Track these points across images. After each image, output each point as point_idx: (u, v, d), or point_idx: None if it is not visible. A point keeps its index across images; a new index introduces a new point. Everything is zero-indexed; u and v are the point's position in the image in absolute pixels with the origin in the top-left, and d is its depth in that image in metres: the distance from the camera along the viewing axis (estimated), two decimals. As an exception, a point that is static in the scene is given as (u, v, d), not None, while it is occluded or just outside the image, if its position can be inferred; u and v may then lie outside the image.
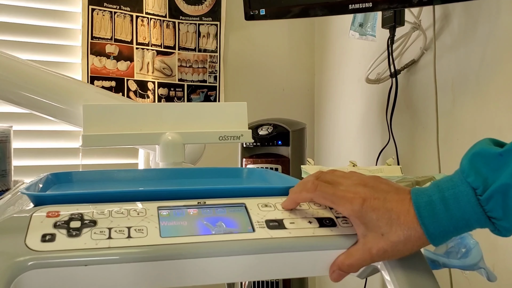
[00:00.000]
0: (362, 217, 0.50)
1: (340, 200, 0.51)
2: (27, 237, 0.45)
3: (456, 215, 0.47)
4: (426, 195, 0.49)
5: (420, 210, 0.48)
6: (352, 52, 1.69)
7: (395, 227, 0.49)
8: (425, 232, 0.48)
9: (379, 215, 0.49)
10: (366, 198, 0.50)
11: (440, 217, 0.47)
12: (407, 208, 0.49)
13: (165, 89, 1.71)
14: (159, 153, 0.87)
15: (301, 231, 0.51)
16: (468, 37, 1.16)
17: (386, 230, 0.49)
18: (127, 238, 0.47)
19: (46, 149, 1.58)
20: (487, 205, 0.46)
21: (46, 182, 0.69)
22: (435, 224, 0.47)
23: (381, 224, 0.49)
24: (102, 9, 1.60)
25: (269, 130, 1.38)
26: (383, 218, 0.49)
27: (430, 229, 0.48)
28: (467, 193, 0.47)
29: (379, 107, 1.49)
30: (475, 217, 0.47)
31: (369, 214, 0.49)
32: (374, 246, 0.49)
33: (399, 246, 0.49)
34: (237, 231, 0.50)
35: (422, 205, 0.48)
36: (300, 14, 1.18)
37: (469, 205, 0.47)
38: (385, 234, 0.49)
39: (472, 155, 0.48)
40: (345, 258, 0.51)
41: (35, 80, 1.01)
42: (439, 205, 0.48)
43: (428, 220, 0.48)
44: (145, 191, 0.57)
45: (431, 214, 0.48)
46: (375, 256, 0.49)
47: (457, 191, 0.47)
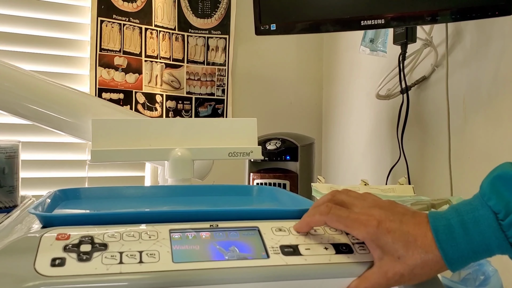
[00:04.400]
0: (378, 240, 0.48)
1: (354, 224, 0.50)
2: (36, 261, 0.44)
3: (475, 240, 0.45)
4: (444, 219, 0.47)
5: (438, 234, 0.47)
6: (360, 67, 1.68)
7: (412, 250, 0.47)
8: (443, 256, 0.46)
9: (395, 238, 0.48)
10: (381, 221, 0.49)
11: (459, 241, 0.46)
12: (424, 231, 0.48)
13: (173, 102, 1.70)
14: (168, 169, 0.86)
15: (317, 258, 0.50)
16: (481, 53, 1.15)
17: (403, 253, 0.47)
18: (138, 263, 0.46)
19: (52, 161, 1.57)
20: (509, 231, 0.44)
21: (54, 199, 0.67)
22: (453, 248, 0.46)
23: (397, 247, 0.47)
24: (111, 21, 1.60)
25: (277, 145, 1.37)
26: (400, 241, 0.48)
27: (449, 254, 0.46)
28: (487, 217, 0.45)
29: (389, 123, 1.48)
30: (496, 243, 0.45)
31: (384, 237, 0.48)
32: (390, 269, 0.48)
33: (416, 270, 0.47)
34: (251, 257, 0.49)
35: (441, 228, 0.47)
36: (311, 30, 1.17)
37: (490, 230, 0.45)
38: (401, 257, 0.47)
39: (493, 178, 0.47)
40: (359, 282, 0.49)
41: (42, 93, 1.00)
42: (458, 229, 0.46)
43: (447, 244, 0.46)
44: (157, 212, 0.55)
45: (449, 238, 0.46)
46: (391, 280, 0.48)
47: (477, 215, 0.46)
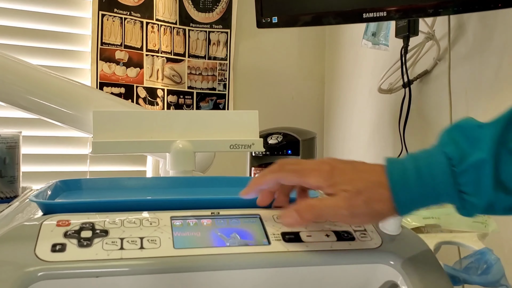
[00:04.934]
0: (333, 181, 0.48)
1: (307, 172, 0.50)
2: (37, 247, 0.44)
3: (427, 184, 0.46)
4: (400, 163, 0.48)
5: (392, 175, 0.47)
6: (363, 61, 1.68)
7: (368, 184, 0.47)
8: (394, 196, 0.46)
9: (350, 176, 0.48)
10: (334, 165, 0.49)
11: (411, 184, 0.46)
12: (379, 172, 0.48)
13: (174, 97, 1.70)
14: (170, 161, 0.86)
15: (319, 244, 0.49)
16: (483, 47, 1.14)
17: (359, 186, 0.47)
18: (139, 249, 0.45)
19: (53, 155, 1.57)
20: (460, 178, 0.45)
21: (55, 190, 0.67)
22: (404, 189, 0.46)
23: (354, 182, 0.48)
24: (112, 14, 1.59)
25: (279, 139, 1.36)
26: (355, 178, 0.48)
27: (399, 195, 0.46)
28: (441, 162, 0.46)
29: (391, 117, 1.47)
30: (446, 189, 0.45)
31: (339, 177, 0.48)
32: (346, 198, 0.47)
33: (370, 202, 0.47)
34: (252, 243, 0.49)
35: (395, 171, 0.47)
36: (313, 22, 1.17)
37: (441, 175, 0.45)
38: (358, 189, 0.47)
39: (452, 127, 0.48)
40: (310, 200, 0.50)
41: (44, 85, 1.00)
42: (411, 172, 0.46)
43: (399, 184, 0.46)
44: (158, 200, 0.55)
45: (402, 179, 0.46)
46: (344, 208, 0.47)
47: (432, 160, 0.46)
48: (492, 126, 0.45)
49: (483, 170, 0.44)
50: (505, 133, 0.45)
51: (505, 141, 0.45)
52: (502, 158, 0.44)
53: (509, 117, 0.46)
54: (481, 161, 0.44)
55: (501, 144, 0.44)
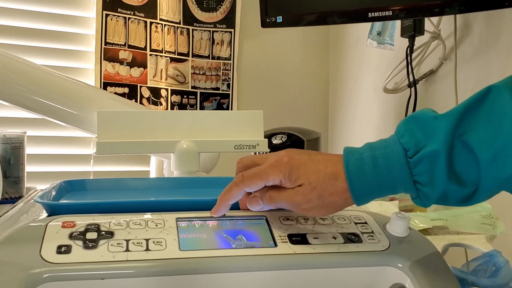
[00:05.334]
0: (291, 174, 0.49)
1: (267, 170, 0.50)
2: (42, 248, 0.44)
3: (383, 174, 0.46)
4: (357, 153, 0.49)
5: (349, 165, 0.48)
6: (367, 61, 1.67)
7: (323, 176, 0.48)
8: (349, 186, 0.47)
9: (306, 168, 0.49)
10: (291, 157, 0.50)
11: (367, 174, 0.47)
12: (335, 162, 0.49)
13: (178, 96, 1.69)
14: (174, 161, 0.85)
15: (326, 247, 0.49)
16: (489, 47, 1.14)
17: (314, 178, 0.48)
18: (145, 250, 0.45)
19: (57, 155, 1.57)
20: (415, 168, 0.45)
21: (60, 190, 0.67)
22: (360, 180, 0.47)
23: (309, 174, 0.48)
24: (116, 14, 1.59)
25: (283, 139, 1.36)
26: (311, 169, 0.49)
27: (355, 185, 0.47)
28: (397, 153, 0.46)
29: (396, 117, 1.47)
30: (401, 179, 0.46)
31: (296, 170, 0.49)
32: (300, 193, 0.48)
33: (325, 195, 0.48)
34: (258, 245, 0.49)
35: (352, 161, 0.48)
36: (318, 22, 1.16)
37: (397, 165, 0.46)
38: (312, 183, 0.48)
39: (409, 118, 0.48)
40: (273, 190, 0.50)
41: (48, 85, 0.99)
42: (368, 162, 0.47)
43: (355, 175, 0.47)
44: (163, 201, 0.55)
45: (358, 169, 0.47)
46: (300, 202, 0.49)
47: (389, 151, 0.47)
48: (447, 117, 0.46)
49: (437, 161, 0.45)
50: (460, 125, 0.45)
51: (459, 133, 0.45)
52: (456, 150, 0.45)
53: (464, 109, 0.46)
54: (435, 152, 0.45)
55: (455, 136, 0.45)
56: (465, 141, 0.45)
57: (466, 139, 0.45)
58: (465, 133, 0.45)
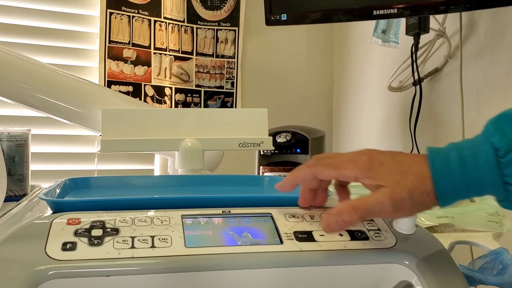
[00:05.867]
0: (371, 173, 0.46)
1: (344, 164, 0.48)
2: (47, 245, 0.44)
3: (471, 175, 0.44)
4: (443, 153, 0.46)
5: (435, 164, 0.45)
6: (372, 59, 1.66)
7: (408, 175, 0.45)
8: (435, 186, 0.45)
9: (389, 168, 0.46)
10: (372, 156, 0.47)
11: (454, 174, 0.44)
12: (419, 162, 0.46)
13: (182, 95, 1.69)
14: (178, 159, 0.85)
15: (332, 244, 0.49)
16: (495, 44, 1.13)
17: (400, 177, 0.45)
18: (151, 247, 0.45)
19: (61, 154, 1.57)
20: (506, 168, 0.43)
21: (64, 188, 0.67)
22: (447, 180, 0.44)
23: (393, 174, 0.46)
24: (120, 13, 1.59)
25: (288, 138, 1.35)
26: (394, 169, 0.46)
27: (442, 185, 0.44)
28: (487, 153, 0.44)
29: (401, 116, 1.46)
30: (491, 180, 0.44)
31: (377, 169, 0.46)
32: (388, 192, 0.45)
33: (414, 194, 0.45)
34: (264, 242, 0.48)
35: (438, 160, 0.45)
36: (322, 20, 1.16)
37: (487, 165, 0.44)
38: (400, 181, 0.45)
39: (499, 116, 0.46)
40: (351, 201, 0.47)
41: (52, 83, 0.99)
42: (455, 162, 0.45)
43: (441, 174, 0.45)
44: (168, 199, 0.55)
45: (445, 169, 0.45)
46: (388, 203, 0.45)
47: (477, 151, 0.45)
48: None
49: None
50: None
51: None
52: None
53: None
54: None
55: None
56: None
57: None
58: None
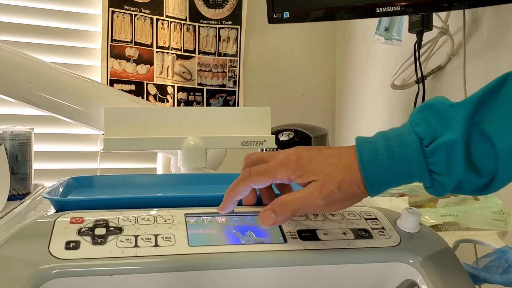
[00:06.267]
0: (301, 171, 0.47)
1: (275, 168, 0.48)
2: (51, 244, 0.44)
3: (399, 163, 0.45)
4: (371, 143, 0.47)
5: (362, 155, 0.46)
6: (375, 57, 1.66)
7: (338, 168, 0.46)
8: (363, 177, 0.46)
9: (318, 163, 0.47)
10: (300, 154, 0.48)
11: (383, 164, 0.45)
12: (347, 154, 0.47)
13: (185, 93, 1.69)
14: (181, 158, 0.85)
15: (336, 242, 0.48)
16: (499, 42, 1.12)
17: (329, 171, 0.46)
18: (154, 246, 0.45)
19: (64, 153, 1.57)
20: (430, 157, 0.45)
21: (67, 187, 0.67)
22: (376, 170, 0.45)
23: (323, 168, 0.47)
24: (122, 11, 1.59)
25: (290, 136, 1.35)
26: (323, 164, 0.47)
27: (370, 175, 0.45)
28: (413, 142, 0.45)
29: (404, 114, 1.46)
30: (417, 168, 0.45)
31: (307, 166, 0.47)
32: (317, 187, 0.46)
33: (343, 186, 0.46)
34: (268, 241, 0.48)
35: (365, 151, 0.46)
36: (325, 17, 1.15)
37: (413, 154, 0.45)
38: (328, 175, 0.46)
39: (423, 106, 0.47)
40: (283, 196, 0.48)
41: (55, 82, 0.99)
42: (383, 152, 0.46)
43: (369, 165, 0.46)
44: (172, 197, 0.54)
45: (373, 159, 0.46)
46: (319, 197, 0.46)
47: (404, 140, 0.46)
48: (464, 105, 0.45)
49: (454, 150, 0.44)
50: (477, 113, 0.45)
51: (476, 121, 0.44)
52: (473, 139, 0.44)
53: (481, 97, 0.45)
54: (453, 141, 0.44)
55: (473, 124, 0.44)
56: (482, 130, 0.44)
57: (484, 128, 0.44)
58: (482, 122, 0.44)
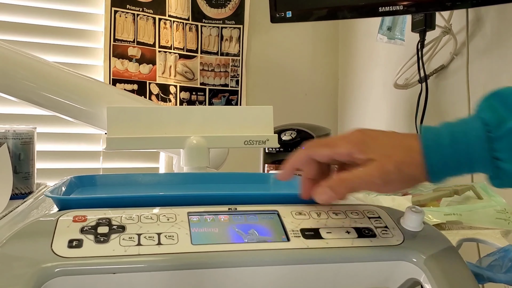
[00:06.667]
0: (364, 147, 0.47)
1: (337, 141, 0.49)
2: (54, 243, 0.44)
3: (461, 149, 0.44)
4: (435, 129, 0.47)
5: (426, 140, 0.46)
6: (377, 56, 1.66)
7: (400, 148, 0.46)
8: (426, 160, 0.45)
9: (381, 142, 0.47)
10: (364, 132, 0.49)
11: (444, 149, 0.45)
12: (411, 138, 0.47)
13: (187, 93, 1.69)
14: (184, 157, 0.85)
15: (339, 241, 0.48)
16: (502, 41, 1.12)
17: (389, 151, 0.46)
18: (157, 245, 0.45)
19: (66, 152, 1.58)
20: (495, 143, 0.43)
21: (70, 186, 0.67)
22: (437, 154, 0.45)
23: (384, 147, 0.47)
24: (125, 11, 1.59)
25: (293, 135, 1.35)
26: (386, 143, 0.47)
27: (432, 159, 0.45)
28: (477, 129, 0.44)
29: (407, 113, 1.45)
30: (480, 155, 0.44)
31: (370, 143, 0.47)
32: (377, 165, 0.46)
33: (402, 167, 0.45)
34: (270, 239, 0.48)
35: (429, 135, 0.46)
36: (328, 17, 1.15)
37: (476, 140, 0.44)
38: (389, 155, 0.46)
39: (491, 95, 0.46)
40: (341, 173, 0.48)
41: (57, 81, 0.99)
42: (446, 137, 0.45)
43: (432, 149, 0.45)
44: (174, 196, 0.54)
45: (436, 144, 0.45)
46: (376, 176, 0.46)
47: (468, 127, 0.45)
48: None
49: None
50: None
51: None
52: None
53: None
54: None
55: None
56: None
57: None
58: None
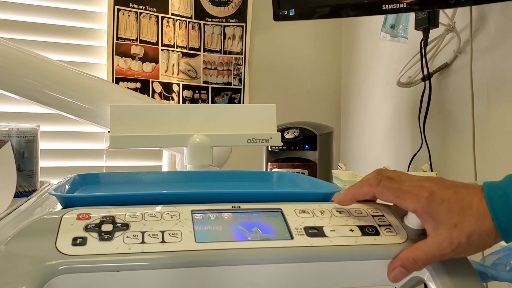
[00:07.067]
0: (431, 210, 0.46)
1: (405, 195, 0.48)
2: (58, 240, 0.44)
3: None
4: (500, 188, 0.45)
5: (493, 202, 0.45)
6: (381, 54, 1.65)
7: (468, 217, 0.45)
8: (497, 225, 0.44)
9: (449, 206, 0.45)
10: (434, 191, 0.47)
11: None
12: (479, 198, 0.45)
13: (190, 91, 1.69)
14: (187, 155, 0.85)
15: (343, 239, 0.48)
16: (506, 39, 1.12)
17: (459, 220, 0.45)
18: (161, 242, 0.45)
19: (70, 150, 1.58)
20: None
21: (73, 184, 0.67)
22: (508, 217, 0.44)
23: (453, 214, 0.45)
24: (127, 9, 1.59)
25: (296, 134, 1.35)
26: (455, 208, 0.45)
27: (503, 223, 0.44)
28: None
29: (410, 111, 1.45)
30: None
31: (438, 206, 0.46)
32: (446, 238, 0.45)
33: (472, 237, 0.45)
34: (274, 237, 0.48)
35: (496, 197, 0.45)
36: (331, 15, 1.15)
37: None
38: (457, 224, 0.45)
39: None
40: (410, 251, 0.47)
41: (61, 79, 1.00)
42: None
43: (502, 212, 0.44)
44: (178, 194, 0.54)
45: (505, 206, 0.44)
46: (447, 249, 0.45)
47: None
48: None
49: None
50: None
51: None
52: None
53: None
54: None
55: None
56: None
57: None
58: None
